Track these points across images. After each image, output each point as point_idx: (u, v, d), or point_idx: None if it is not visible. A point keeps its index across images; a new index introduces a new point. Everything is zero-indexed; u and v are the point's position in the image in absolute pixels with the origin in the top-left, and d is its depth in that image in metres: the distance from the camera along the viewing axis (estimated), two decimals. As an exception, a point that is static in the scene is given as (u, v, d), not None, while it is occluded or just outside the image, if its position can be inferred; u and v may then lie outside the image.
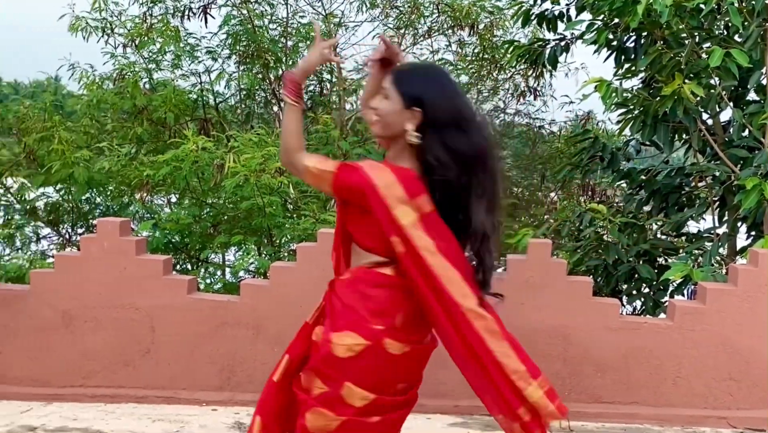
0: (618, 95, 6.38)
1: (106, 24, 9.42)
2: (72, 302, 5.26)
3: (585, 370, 5.22)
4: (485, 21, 9.72)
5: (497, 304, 2.93)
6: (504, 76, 10.27)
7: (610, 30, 6.59)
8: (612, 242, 6.82)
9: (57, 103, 9.33)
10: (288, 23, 9.60)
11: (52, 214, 8.82)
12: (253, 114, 10.26)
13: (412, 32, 10.07)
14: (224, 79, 9.64)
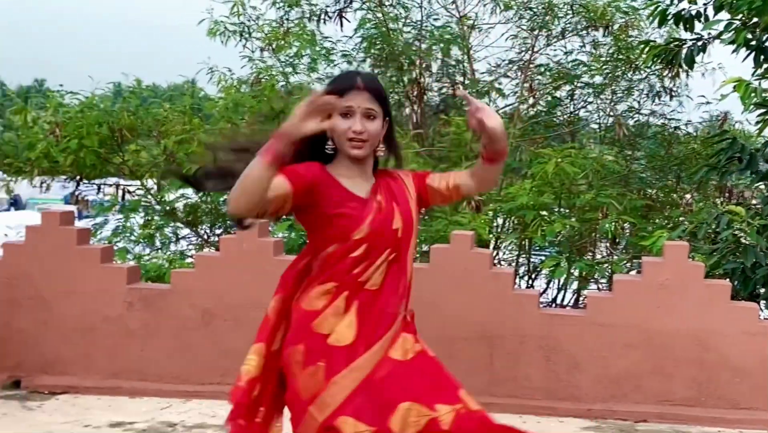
0: (757, 95, 6.25)
1: (244, 28, 9.71)
2: (212, 301, 5.47)
3: (722, 375, 5.16)
4: (620, 21, 9.58)
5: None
6: (639, 77, 10.07)
7: (748, 29, 6.45)
8: (750, 245, 6.65)
9: (195, 107, 9.61)
10: (422, 26, 9.70)
11: (191, 215, 9.05)
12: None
13: (545, 33, 10.02)
14: (359, 82, 9.77)
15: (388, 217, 2.74)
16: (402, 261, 2.76)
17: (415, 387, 2.64)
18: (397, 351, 2.71)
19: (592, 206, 7.65)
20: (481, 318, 5.45)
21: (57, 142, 8.15)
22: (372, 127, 2.72)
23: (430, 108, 10.34)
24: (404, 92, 9.89)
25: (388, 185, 2.82)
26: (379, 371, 2.64)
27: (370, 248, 2.70)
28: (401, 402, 2.58)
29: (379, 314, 2.70)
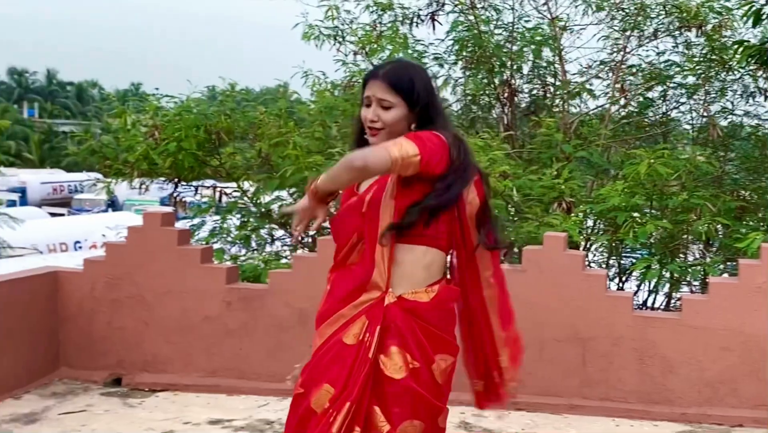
0: None
1: (338, 32, 9.76)
2: (308, 301, 5.49)
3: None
4: (713, 21, 9.32)
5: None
6: (732, 77, 9.79)
7: None
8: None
9: (289, 110, 9.69)
10: (513, 28, 9.61)
11: (285, 217, 9.13)
12: (478, 118, 10.34)
13: (637, 34, 9.82)
14: (450, 84, 9.77)
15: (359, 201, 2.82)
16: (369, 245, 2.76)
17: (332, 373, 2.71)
18: (348, 333, 2.74)
19: (684, 208, 7.46)
20: (574, 320, 5.36)
21: (156, 144, 8.31)
22: (387, 117, 2.77)
23: (521, 110, 10.23)
24: (495, 94, 9.82)
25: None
26: (327, 343, 2.78)
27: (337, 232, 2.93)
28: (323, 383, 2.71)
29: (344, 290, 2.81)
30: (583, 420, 5.16)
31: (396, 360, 2.69)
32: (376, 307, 2.73)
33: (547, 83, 10.12)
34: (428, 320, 2.75)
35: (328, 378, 2.71)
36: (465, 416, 5.11)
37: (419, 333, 2.72)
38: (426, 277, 2.79)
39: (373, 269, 2.74)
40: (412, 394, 2.69)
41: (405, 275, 2.76)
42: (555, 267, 5.38)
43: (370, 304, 2.74)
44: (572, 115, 10.14)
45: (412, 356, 2.70)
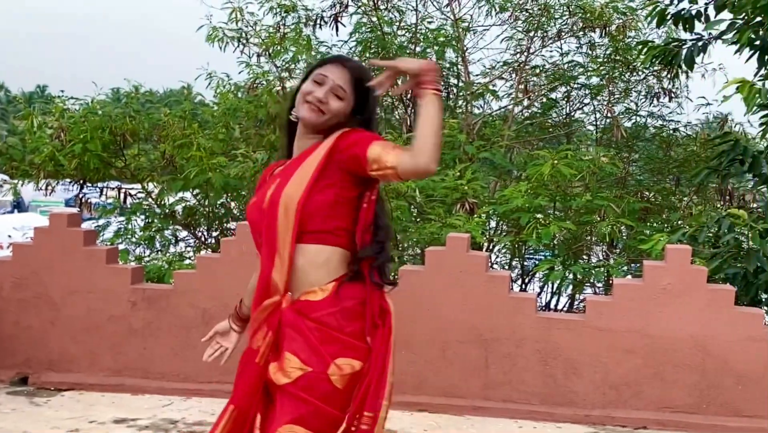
0: (762, 96, 6.13)
1: (242, 34, 9.66)
2: (212, 301, 5.48)
3: (725, 382, 5.05)
4: (617, 22, 9.49)
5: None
6: (637, 78, 10.00)
7: (752, 29, 6.34)
8: (753, 249, 6.54)
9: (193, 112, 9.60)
10: (417, 29, 9.63)
11: (189, 217, 9.08)
12: (381, 119, 10.32)
13: (541, 35, 9.93)
14: (352, 86, 9.71)
15: (262, 198, 2.65)
16: (267, 244, 2.60)
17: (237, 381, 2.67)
18: (254, 340, 2.64)
19: (588, 209, 7.55)
20: (477, 321, 5.35)
21: (62, 146, 8.25)
22: (334, 106, 2.63)
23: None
24: (398, 96, 9.80)
25: (299, 157, 2.67)
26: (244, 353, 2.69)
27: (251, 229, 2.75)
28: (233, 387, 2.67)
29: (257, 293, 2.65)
30: (486, 422, 5.16)
31: (287, 365, 2.52)
32: (274, 312, 2.59)
33: (450, 84, 10.17)
34: (322, 321, 2.54)
35: (235, 384, 2.67)
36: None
37: (311, 335, 2.53)
38: (323, 276, 2.59)
39: (270, 272, 2.59)
40: (296, 400, 2.50)
41: (301, 276, 2.59)
42: (458, 268, 5.37)
43: (270, 309, 2.60)
44: (475, 116, 10.22)
45: (303, 361, 2.51)
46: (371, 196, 2.65)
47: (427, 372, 5.28)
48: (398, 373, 5.16)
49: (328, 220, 2.58)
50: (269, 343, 2.58)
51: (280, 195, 2.56)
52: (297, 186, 2.55)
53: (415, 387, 5.27)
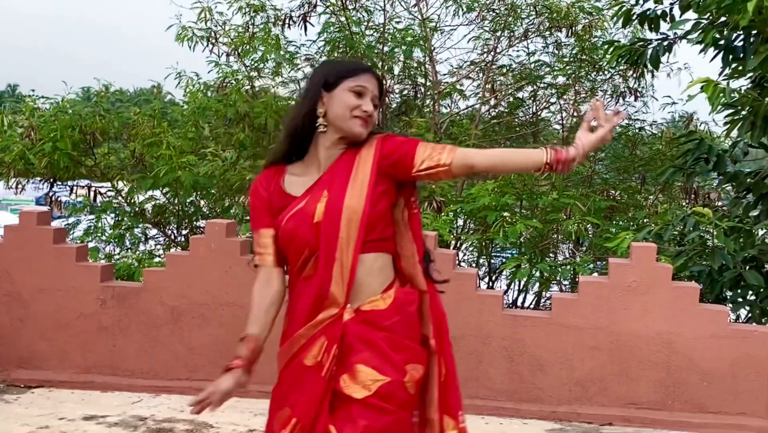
0: (726, 96, 6.15)
1: (211, 34, 9.59)
2: (181, 299, 5.42)
3: (690, 379, 5.06)
4: (583, 22, 9.50)
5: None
6: (602, 77, 10.03)
7: (717, 29, 6.37)
8: (717, 247, 6.58)
9: (163, 110, 9.54)
10: (384, 29, 9.59)
11: (158, 216, 9.02)
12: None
13: (507, 34, 9.93)
14: (323, 85, 9.67)
15: (309, 210, 2.54)
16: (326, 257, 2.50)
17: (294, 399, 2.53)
18: (308, 355, 2.52)
19: (554, 207, 7.55)
20: (443, 318, 5.29)
21: (32, 145, 8.18)
22: (375, 114, 2.61)
23: (392, 110, 10.21)
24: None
25: (336, 167, 2.58)
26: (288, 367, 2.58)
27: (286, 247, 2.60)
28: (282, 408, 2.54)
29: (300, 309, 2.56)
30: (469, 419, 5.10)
31: (361, 378, 2.46)
32: (334, 325, 2.50)
33: (418, 84, 10.16)
34: (390, 329, 2.52)
35: (289, 402, 2.53)
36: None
37: (384, 345, 2.49)
38: (380, 283, 2.56)
39: (329, 285, 2.49)
40: (377, 411, 2.44)
41: (360, 285, 2.52)
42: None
43: (328, 322, 2.50)
44: (443, 115, 10.20)
45: (379, 371, 2.46)
46: (416, 201, 2.70)
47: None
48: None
49: (386, 228, 2.58)
50: (335, 356, 2.49)
51: (339, 207, 2.49)
52: (357, 198, 2.50)
53: (385, 384, 5.24)
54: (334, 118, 2.57)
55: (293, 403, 2.50)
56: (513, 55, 10.24)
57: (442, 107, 10.36)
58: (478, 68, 10.19)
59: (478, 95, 10.18)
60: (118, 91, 11.83)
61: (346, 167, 2.55)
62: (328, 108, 2.57)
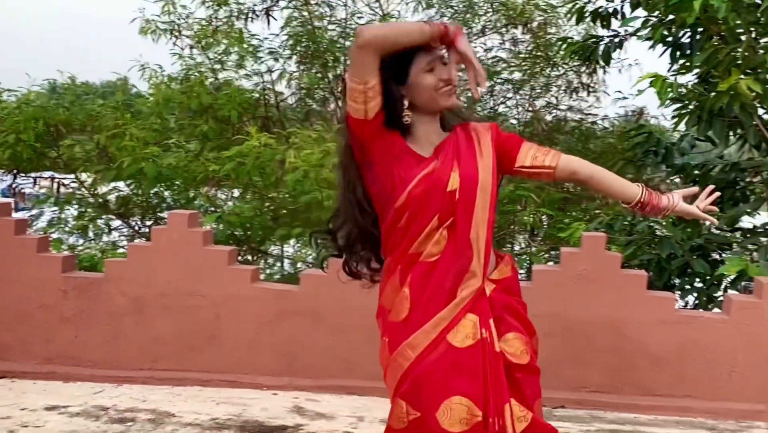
0: (673, 91, 6.22)
1: (174, 27, 9.51)
2: (143, 289, 5.33)
3: (639, 363, 5.10)
4: (539, 19, 9.59)
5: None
6: (557, 73, 10.12)
7: (665, 26, 6.43)
8: (666, 237, 6.66)
9: (127, 102, 9.44)
10: (346, 24, 9.57)
11: (122, 207, 8.95)
12: (313, 112, 10.27)
13: (466, 31, 9.96)
14: (285, 78, 9.66)
15: (442, 177, 2.39)
16: (463, 228, 2.38)
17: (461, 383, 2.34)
18: (457, 335, 2.37)
19: (510, 199, 7.59)
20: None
21: None
22: (454, 73, 2.48)
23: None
24: (329, 88, 9.77)
25: (456, 142, 2.48)
26: (432, 353, 2.36)
27: (412, 215, 2.39)
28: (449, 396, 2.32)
29: (435, 289, 2.38)
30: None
31: (516, 345, 2.45)
32: (479, 300, 2.41)
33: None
34: (517, 292, 2.61)
35: (456, 390, 2.32)
36: (298, 400, 4.99)
37: (519, 307, 2.56)
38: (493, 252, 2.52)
39: (469, 261, 2.39)
40: (534, 372, 2.49)
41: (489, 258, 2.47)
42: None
43: (471, 298, 2.39)
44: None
45: (524, 333, 2.52)
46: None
47: (356, 356, 5.22)
48: (329, 357, 5.13)
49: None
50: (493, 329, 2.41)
51: (474, 179, 2.41)
52: (486, 173, 2.43)
53: (345, 371, 5.21)
54: (424, 102, 2.47)
55: (466, 390, 2.32)
56: (471, 51, 10.26)
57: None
58: (437, 64, 10.19)
59: (437, 90, 10.17)
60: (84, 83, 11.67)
61: (468, 143, 2.48)
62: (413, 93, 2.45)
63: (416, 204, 2.38)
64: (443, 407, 2.31)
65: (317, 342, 5.20)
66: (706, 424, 4.84)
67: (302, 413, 4.74)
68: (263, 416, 4.64)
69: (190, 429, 4.41)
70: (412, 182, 2.38)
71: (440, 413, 2.31)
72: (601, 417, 4.94)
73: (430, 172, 2.39)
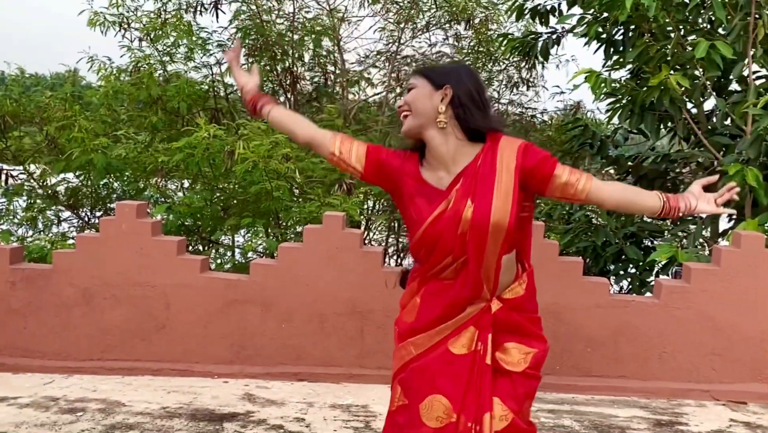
0: (607, 85, 6.34)
1: (123, 19, 9.33)
2: (92, 280, 5.24)
3: (576, 346, 5.18)
4: (480, 16, 9.65)
5: None
6: (498, 68, 10.20)
7: (599, 23, 6.52)
8: (601, 225, 6.78)
9: (76, 94, 9.25)
10: (294, 18, 9.49)
11: (72, 198, 8.76)
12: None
13: (411, 26, 9.99)
14: (234, 71, 9.52)
15: (453, 219, 2.46)
16: (475, 268, 2.48)
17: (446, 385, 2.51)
18: (456, 344, 2.53)
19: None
20: (352, 294, 5.29)
21: None
22: (409, 96, 2.55)
23: (303, 96, 10.14)
24: (278, 80, 9.69)
25: (476, 170, 2.48)
26: (430, 354, 2.55)
27: (428, 250, 2.52)
28: (433, 393, 2.51)
29: (445, 304, 2.53)
30: (362, 388, 5.12)
31: (514, 354, 2.57)
32: (484, 316, 2.52)
33: (328, 71, 10.10)
34: (529, 309, 2.64)
35: (440, 389, 2.50)
36: (249, 388, 4.96)
37: (527, 323, 2.61)
38: (512, 273, 2.61)
39: (479, 290, 2.51)
40: (528, 378, 2.58)
41: (500, 279, 2.54)
42: (334, 245, 5.30)
43: (476, 313, 2.52)
44: (352, 102, 10.18)
45: (528, 345, 2.60)
46: (533, 201, 2.65)
47: (306, 344, 5.21)
48: (279, 345, 5.11)
49: (518, 231, 2.53)
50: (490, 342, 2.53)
51: (486, 222, 2.42)
52: (503, 211, 2.43)
53: (295, 358, 5.20)
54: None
55: (448, 392, 2.49)
56: (416, 46, 10.33)
57: (350, 94, 10.35)
58: (383, 58, 10.22)
59: (384, 83, 10.21)
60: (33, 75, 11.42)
61: (489, 171, 2.47)
62: None
63: (431, 242, 2.50)
64: (426, 401, 2.50)
65: (267, 330, 5.18)
66: (640, 402, 4.95)
67: (253, 401, 4.72)
68: (214, 404, 4.61)
69: (140, 418, 4.36)
70: (425, 223, 2.49)
71: (423, 406, 2.50)
72: (542, 398, 5.01)
73: (442, 212, 2.47)
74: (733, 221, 6.77)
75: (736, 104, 6.16)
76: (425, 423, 2.48)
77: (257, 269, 5.22)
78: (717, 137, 6.46)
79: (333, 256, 5.25)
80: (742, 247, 5.01)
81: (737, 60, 6.14)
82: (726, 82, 6.79)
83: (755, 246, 5.01)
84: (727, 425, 4.60)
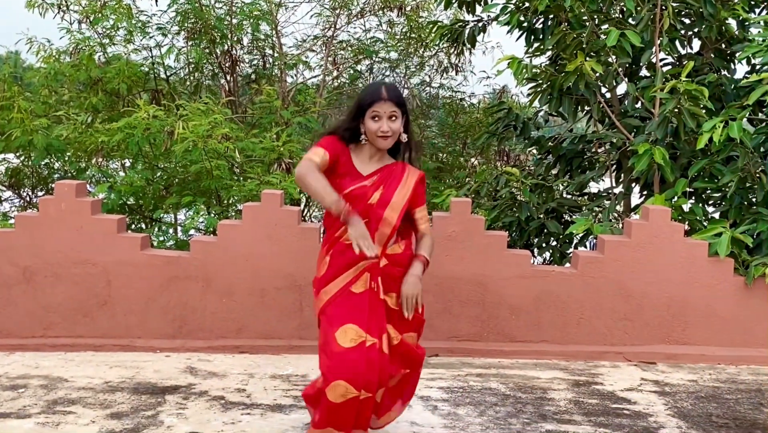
0: (528, 71, 6.40)
1: (62, 1, 9.02)
2: (32, 259, 5.08)
3: (501, 313, 5.25)
4: (412, 3, 9.62)
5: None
6: (429, 54, 10.20)
7: (521, 12, 6.56)
8: (524, 201, 6.85)
9: (16, 75, 8.90)
10: (233, 2, 9.30)
11: (12, 178, 8.49)
12: (201, 86, 9.99)
13: (346, 13, 9.91)
14: (174, 53, 9.31)
15: (367, 193, 3.22)
16: (372, 227, 3.19)
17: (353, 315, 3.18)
18: (356, 286, 3.23)
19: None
20: (291, 269, 5.24)
21: None
22: (395, 126, 3.23)
23: (243, 78, 9.99)
24: (218, 63, 9.52)
25: (391, 173, 3.30)
26: (339, 297, 3.24)
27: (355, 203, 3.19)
28: (344, 323, 3.16)
29: (347, 260, 3.21)
30: (301, 358, 5.09)
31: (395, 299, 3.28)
32: (374, 266, 3.23)
33: (266, 55, 9.96)
34: (406, 265, 3.32)
35: (349, 319, 3.16)
36: (191, 361, 4.89)
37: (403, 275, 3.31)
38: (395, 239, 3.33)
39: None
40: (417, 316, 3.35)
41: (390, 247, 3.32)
42: (272, 221, 5.24)
43: (368, 265, 3.21)
44: (290, 84, 10.08)
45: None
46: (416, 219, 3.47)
47: (246, 317, 5.16)
48: (220, 319, 5.05)
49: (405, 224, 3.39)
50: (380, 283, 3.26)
51: (388, 200, 3.25)
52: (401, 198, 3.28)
53: (236, 331, 5.14)
54: (368, 136, 3.25)
55: (357, 319, 3.17)
56: (351, 32, 10.27)
57: (289, 77, 10.25)
58: (320, 42, 10.13)
59: (321, 67, 10.13)
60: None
61: (398, 177, 3.30)
62: (365, 129, 3.25)
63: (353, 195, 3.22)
64: (340, 330, 3.16)
65: (208, 305, 5.11)
66: (560, 365, 5.06)
67: (195, 373, 4.66)
68: (156, 378, 4.54)
69: (83, 393, 4.26)
70: (343, 192, 3.19)
71: (338, 334, 3.15)
72: (471, 363, 5.08)
73: (358, 189, 3.23)
74: (644, 196, 6.92)
75: (645, 89, 6.26)
76: (341, 345, 3.12)
77: (197, 245, 5.14)
78: (628, 119, 6.58)
79: (271, 232, 5.20)
80: (651, 220, 5.14)
81: (645, 48, 6.26)
82: (636, 68, 6.92)
83: (662, 219, 5.15)
84: (639, 383, 4.75)
